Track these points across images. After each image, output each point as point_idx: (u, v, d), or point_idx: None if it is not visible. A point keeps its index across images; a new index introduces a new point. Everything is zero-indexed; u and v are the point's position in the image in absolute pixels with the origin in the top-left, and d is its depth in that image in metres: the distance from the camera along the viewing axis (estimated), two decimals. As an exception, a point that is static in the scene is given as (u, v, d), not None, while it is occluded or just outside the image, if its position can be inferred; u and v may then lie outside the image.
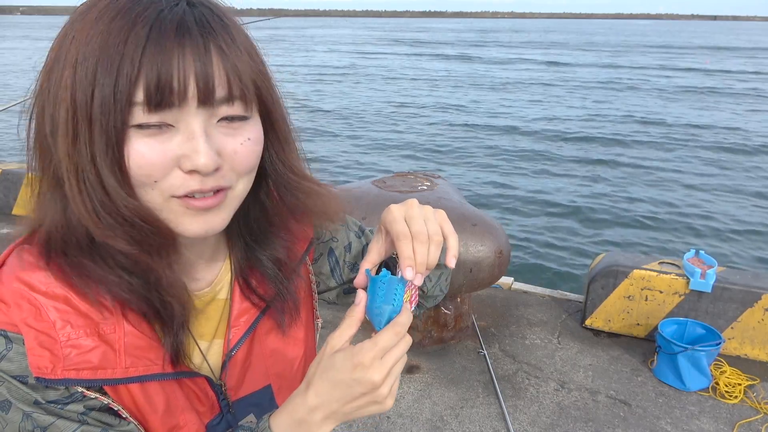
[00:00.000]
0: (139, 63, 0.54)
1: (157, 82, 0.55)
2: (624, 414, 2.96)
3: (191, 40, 0.56)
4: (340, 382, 0.63)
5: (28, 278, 0.62)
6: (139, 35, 0.54)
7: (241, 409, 0.78)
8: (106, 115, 0.55)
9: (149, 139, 0.57)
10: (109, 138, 0.56)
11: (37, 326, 0.60)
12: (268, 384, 0.81)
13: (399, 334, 0.64)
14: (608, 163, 10.24)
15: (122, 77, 0.54)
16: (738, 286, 3.32)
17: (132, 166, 0.57)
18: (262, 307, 0.78)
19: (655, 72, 27.16)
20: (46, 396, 0.62)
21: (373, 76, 25.43)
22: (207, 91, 0.57)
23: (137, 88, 0.55)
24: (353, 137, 12.61)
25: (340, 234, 0.92)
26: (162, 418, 0.69)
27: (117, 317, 0.64)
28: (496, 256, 3.08)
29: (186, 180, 0.59)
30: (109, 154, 0.56)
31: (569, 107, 16.59)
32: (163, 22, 0.56)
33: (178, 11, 0.57)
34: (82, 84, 0.55)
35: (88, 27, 0.56)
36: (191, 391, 0.72)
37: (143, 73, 0.54)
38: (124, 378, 0.64)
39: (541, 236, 7.10)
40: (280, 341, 0.81)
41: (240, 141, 0.62)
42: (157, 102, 0.55)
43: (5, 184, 5.52)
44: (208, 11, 0.59)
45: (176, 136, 0.58)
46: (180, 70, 0.55)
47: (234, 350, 0.76)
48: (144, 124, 0.56)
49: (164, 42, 0.55)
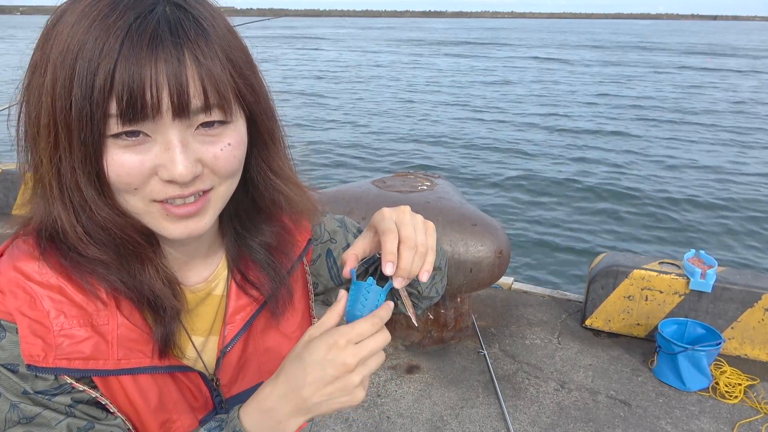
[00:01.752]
0: (112, 76, 0.54)
1: (129, 95, 0.54)
2: (624, 414, 2.96)
3: (164, 52, 0.55)
4: (313, 362, 0.62)
5: (24, 267, 0.62)
6: (112, 47, 0.54)
7: (234, 405, 0.79)
8: (83, 127, 0.55)
9: (127, 150, 0.57)
10: (87, 148, 0.56)
11: (31, 315, 0.61)
12: (261, 381, 0.81)
13: (376, 326, 0.64)
14: (608, 163, 10.24)
15: (96, 90, 0.54)
16: (738, 286, 3.31)
17: (111, 175, 0.58)
18: (259, 304, 0.78)
19: (655, 72, 27.16)
20: (34, 386, 0.62)
21: (373, 75, 25.43)
22: (181, 103, 0.56)
23: (111, 101, 0.54)
24: (353, 137, 12.60)
25: (339, 235, 0.93)
26: (154, 412, 0.69)
27: (111, 309, 0.64)
28: (496, 256, 3.08)
29: (165, 187, 0.59)
30: (88, 163, 0.57)
31: (569, 107, 16.58)
32: (137, 33, 0.55)
33: (152, 20, 0.56)
34: (61, 93, 0.55)
35: (67, 31, 0.56)
36: (185, 386, 0.72)
37: (116, 87, 0.54)
38: (115, 369, 0.64)
39: (541, 236, 7.10)
40: (275, 339, 0.82)
41: (220, 147, 0.61)
42: (131, 116, 0.55)
43: (5, 184, 5.52)
44: (185, 15, 0.58)
45: (154, 146, 0.58)
46: (152, 82, 0.55)
47: (229, 347, 0.76)
48: (120, 134, 0.56)
49: (137, 54, 0.54)
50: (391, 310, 0.67)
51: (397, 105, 17.19)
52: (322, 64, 30.88)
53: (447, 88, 21.11)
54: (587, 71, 27.53)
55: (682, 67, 29.59)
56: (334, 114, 15.50)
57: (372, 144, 12.01)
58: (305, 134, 12.23)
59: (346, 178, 9.33)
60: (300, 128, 12.91)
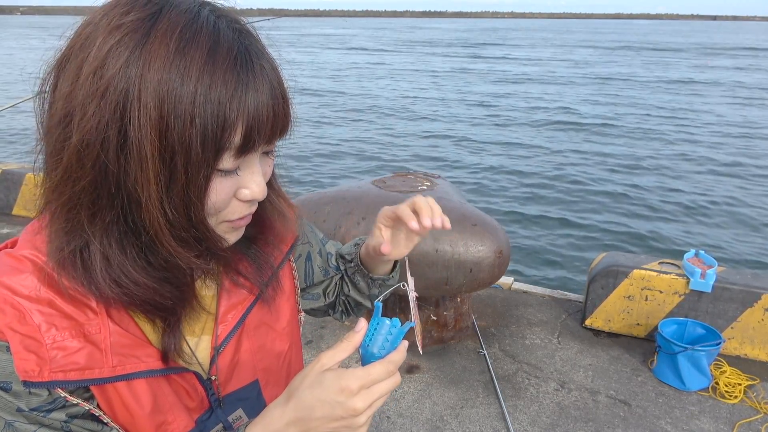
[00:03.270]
0: (243, 105, 0.56)
1: (255, 125, 0.58)
2: (624, 414, 2.96)
3: (266, 78, 0.59)
4: (323, 401, 0.63)
5: (10, 282, 0.62)
6: (232, 72, 0.56)
7: (229, 404, 0.79)
8: (204, 161, 0.57)
9: (225, 179, 0.61)
10: (201, 181, 0.58)
11: (21, 330, 0.60)
12: (255, 379, 0.82)
13: (390, 372, 0.65)
14: (608, 164, 10.24)
15: (226, 120, 0.56)
16: (738, 286, 3.32)
17: (208, 204, 0.61)
18: (249, 302, 0.80)
19: (654, 73, 27.16)
20: (29, 403, 0.62)
21: (373, 76, 25.43)
22: (274, 132, 0.61)
23: (235, 132, 0.57)
24: (353, 137, 12.60)
25: (313, 239, 1.00)
26: (150, 415, 0.69)
27: (102, 317, 0.64)
28: (496, 256, 3.08)
29: (242, 207, 0.65)
30: (201, 193, 0.59)
31: (569, 108, 16.58)
32: (246, 61, 0.57)
33: (245, 46, 0.59)
34: (177, 124, 0.54)
35: (163, 53, 0.54)
36: (180, 387, 0.72)
37: (242, 117, 0.56)
38: (111, 377, 0.64)
39: (541, 236, 7.10)
40: (267, 336, 0.83)
41: (269, 164, 0.68)
42: (248, 148, 0.58)
43: (5, 184, 5.52)
44: (251, 41, 0.61)
45: (241, 171, 0.62)
46: (268, 112, 0.58)
47: (222, 346, 0.77)
48: (226, 170, 0.60)
49: (255, 81, 0.58)
50: (405, 353, 0.68)
51: (397, 105, 17.19)
52: (321, 64, 30.88)
53: (447, 88, 21.11)
54: (587, 72, 27.52)
55: (682, 67, 29.58)
56: (333, 114, 15.50)
57: (372, 144, 12.01)
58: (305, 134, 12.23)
59: (346, 178, 9.33)
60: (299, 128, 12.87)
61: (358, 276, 0.99)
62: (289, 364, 0.88)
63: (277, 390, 0.85)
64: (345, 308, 1.06)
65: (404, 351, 0.67)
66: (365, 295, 1.01)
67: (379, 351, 0.67)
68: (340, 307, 1.05)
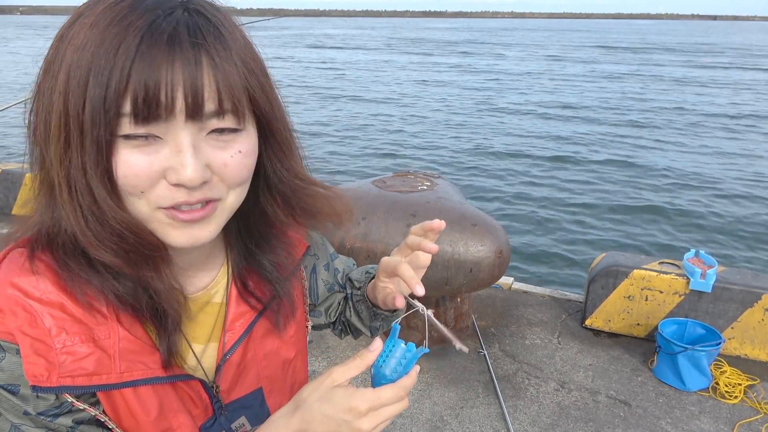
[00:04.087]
0: (128, 75, 0.53)
1: (145, 95, 0.54)
2: (624, 414, 2.96)
3: (182, 53, 0.55)
4: (331, 418, 0.63)
5: (23, 284, 0.61)
6: (129, 46, 0.54)
7: (233, 411, 0.79)
8: (96, 126, 0.54)
9: (136, 150, 0.56)
10: (99, 148, 0.55)
11: (32, 334, 0.60)
12: (259, 387, 0.82)
13: (399, 397, 0.65)
14: (608, 163, 10.24)
15: (111, 89, 0.53)
16: (738, 286, 3.31)
17: (119, 176, 0.57)
18: (258, 310, 0.79)
19: (656, 73, 27.15)
20: (36, 407, 0.62)
21: (374, 76, 25.43)
22: (196, 105, 0.56)
23: (125, 100, 0.54)
24: (353, 137, 12.60)
25: (321, 252, 0.97)
26: (155, 422, 0.69)
27: (111, 322, 0.64)
28: (496, 256, 3.08)
29: (172, 192, 0.58)
30: (99, 163, 0.56)
31: (569, 107, 16.58)
32: (155, 33, 0.54)
33: (172, 21, 0.55)
34: (74, 92, 0.55)
35: (84, 31, 0.56)
36: (185, 393, 0.72)
37: (131, 86, 0.54)
38: (118, 383, 0.64)
39: (541, 236, 7.10)
40: (274, 345, 0.82)
41: (230, 154, 0.61)
42: (144, 115, 0.54)
43: (5, 184, 5.52)
44: (204, 20, 0.58)
45: (164, 148, 0.57)
46: (168, 83, 0.54)
47: (229, 354, 0.76)
48: (131, 134, 0.56)
49: (154, 54, 0.54)
50: (416, 379, 0.68)
51: (397, 104, 17.19)
52: (321, 64, 30.88)
53: (447, 88, 21.10)
54: (588, 72, 27.51)
55: (682, 68, 29.57)
56: (333, 113, 15.49)
57: (372, 144, 12.01)
58: (305, 134, 12.23)
59: (346, 178, 9.33)
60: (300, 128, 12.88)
61: (362, 306, 0.97)
62: (294, 372, 0.87)
63: (281, 398, 0.85)
64: (345, 328, 1.04)
65: (415, 376, 0.67)
66: (366, 326, 0.99)
67: (391, 374, 0.67)
68: (340, 326, 1.04)
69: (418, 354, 0.68)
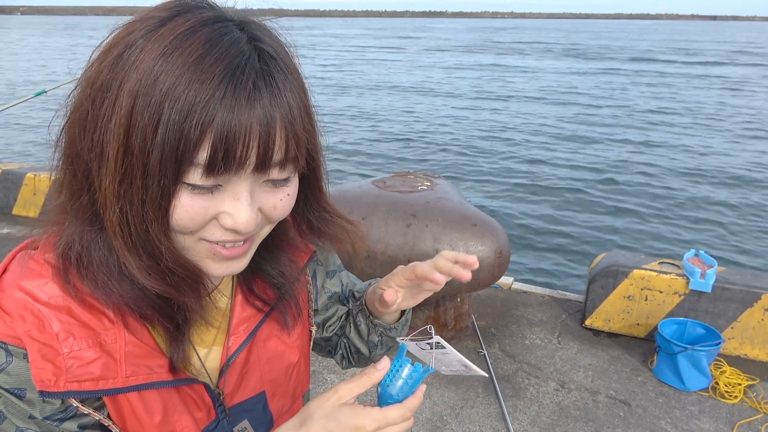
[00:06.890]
0: (206, 126, 0.51)
1: (225, 148, 0.52)
2: (624, 414, 2.96)
3: (261, 102, 0.53)
4: None
5: (31, 288, 0.61)
6: (211, 95, 0.51)
7: (235, 415, 0.79)
8: (163, 173, 0.53)
9: (196, 197, 0.56)
10: (164, 193, 0.54)
11: (40, 338, 0.59)
12: (262, 391, 0.82)
13: (405, 417, 0.65)
14: (608, 163, 10.24)
15: (188, 137, 0.51)
16: (738, 286, 3.32)
17: (174, 218, 0.57)
18: (264, 312, 0.79)
19: (656, 74, 27.15)
20: (42, 411, 0.62)
21: (373, 76, 25.43)
22: (265, 158, 0.55)
23: (201, 149, 0.52)
24: (353, 137, 12.60)
25: (327, 261, 0.96)
26: (159, 426, 0.69)
27: (118, 326, 0.64)
28: (496, 256, 3.08)
29: (223, 233, 0.60)
30: (161, 207, 0.55)
31: (568, 107, 16.58)
32: (238, 82, 0.52)
33: (250, 71, 0.53)
34: (142, 129, 0.52)
35: (149, 61, 0.52)
36: (189, 397, 0.72)
37: (208, 136, 0.52)
38: (124, 387, 0.64)
39: (541, 236, 7.10)
40: (277, 348, 0.82)
41: (280, 197, 0.62)
42: (218, 169, 0.54)
43: (5, 184, 5.52)
44: (276, 66, 0.56)
45: (222, 194, 0.57)
46: (246, 136, 0.53)
47: (233, 358, 0.77)
48: (199, 185, 0.55)
49: (236, 105, 0.52)
50: (422, 399, 0.68)
51: (397, 104, 17.19)
52: (321, 64, 30.88)
53: (447, 89, 21.10)
54: (588, 71, 27.51)
55: (682, 69, 29.57)
56: (332, 113, 15.49)
57: (372, 144, 12.01)
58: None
59: (346, 178, 9.33)
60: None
61: (361, 317, 0.95)
62: (297, 376, 0.87)
63: (283, 401, 0.85)
64: (346, 353, 1.01)
65: (422, 396, 0.68)
66: (364, 341, 0.97)
67: (398, 393, 0.67)
68: (341, 350, 1.02)
69: (425, 373, 0.68)
